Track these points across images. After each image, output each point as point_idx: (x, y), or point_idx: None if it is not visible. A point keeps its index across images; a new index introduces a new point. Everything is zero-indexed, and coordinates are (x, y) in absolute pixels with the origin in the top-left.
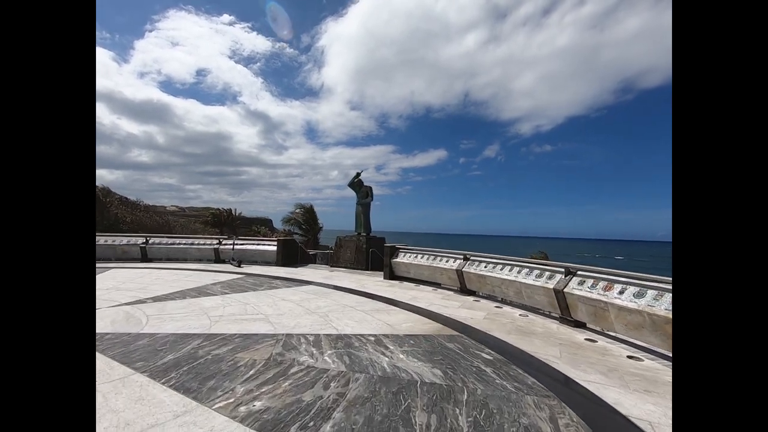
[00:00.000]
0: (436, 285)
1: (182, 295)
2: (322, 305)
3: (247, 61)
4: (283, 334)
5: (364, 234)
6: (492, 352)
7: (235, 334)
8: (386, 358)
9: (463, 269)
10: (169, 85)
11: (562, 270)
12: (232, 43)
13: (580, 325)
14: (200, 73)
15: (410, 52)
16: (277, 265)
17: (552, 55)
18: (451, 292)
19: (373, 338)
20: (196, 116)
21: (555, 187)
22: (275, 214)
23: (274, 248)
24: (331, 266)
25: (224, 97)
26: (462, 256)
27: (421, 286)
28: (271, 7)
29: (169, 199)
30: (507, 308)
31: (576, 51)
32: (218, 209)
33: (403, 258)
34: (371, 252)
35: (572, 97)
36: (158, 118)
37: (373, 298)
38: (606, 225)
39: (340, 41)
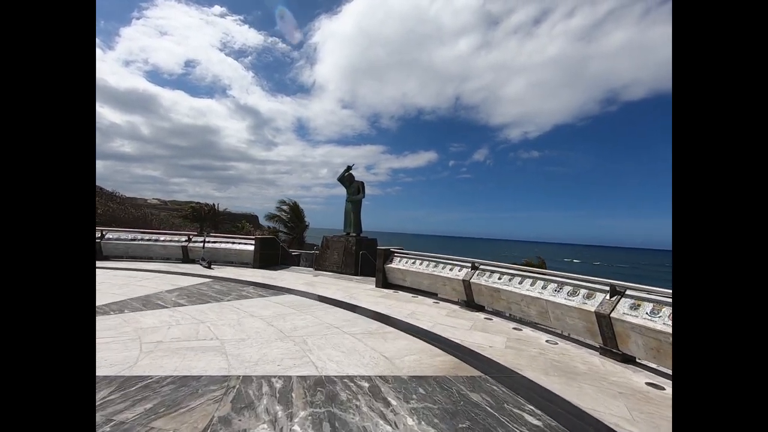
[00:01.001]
0: (435, 296)
1: (120, 307)
2: (299, 325)
3: (238, 54)
4: (238, 377)
5: (354, 234)
6: (535, 410)
7: (167, 378)
8: (389, 428)
9: (472, 280)
10: (156, 75)
11: (606, 288)
12: (222, 36)
13: (628, 359)
14: (189, 64)
15: (404, 53)
16: (254, 267)
17: (542, 63)
18: (455, 307)
19: (366, 384)
20: (183, 108)
21: (541, 192)
22: (262, 211)
23: (252, 248)
24: (315, 269)
25: (213, 89)
26: (470, 265)
27: (420, 297)
28: (281, 11)
29: (152, 192)
30: (528, 331)
31: (564, 61)
32: (199, 203)
33: (398, 263)
34: (361, 255)
35: (559, 106)
36: (143, 109)
37: (364, 315)
38: (588, 231)
39: (334, 39)
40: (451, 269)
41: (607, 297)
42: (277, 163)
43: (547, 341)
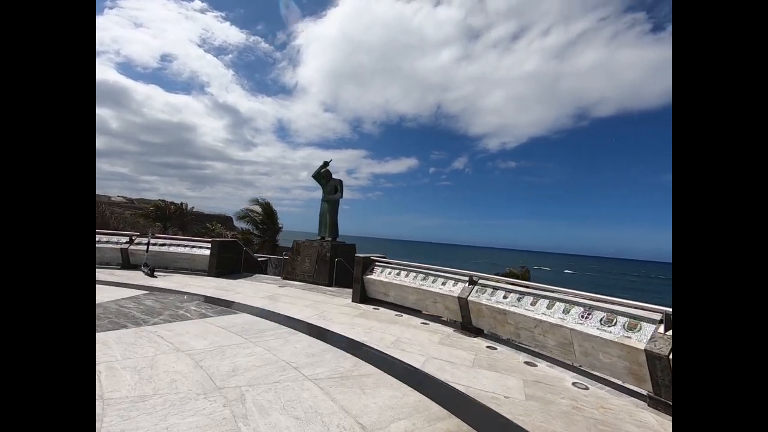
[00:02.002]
0: (422, 313)
1: None
2: (242, 365)
3: (218, 51)
4: None
5: (330, 238)
6: None
7: None
8: None
9: (470, 297)
10: (128, 68)
11: (655, 317)
12: (202, 31)
13: None
14: (165, 58)
15: (387, 60)
16: (210, 275)
17: (519, 77)
18: (449, 330)
19: None
20: (157, 103)
21: (517, 201)
22: (239, 213)
23: (207, 252)
24: (283, 278)
25: (190, 86)
26: (467, 279)
27: (405, 315)
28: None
29: (119, 189)
30: (544, 366)
31: (540, 76)
32: (164, 201)
33: (380, 275)
34: (337, 262)
35: (535, 119)
36: (113, 102)
37: (335, 344)
38: (560, 240)
39: (318, 42)
40: (443, 283)
41: (660, 330)
42: (255, 163)
43: (574, 384)
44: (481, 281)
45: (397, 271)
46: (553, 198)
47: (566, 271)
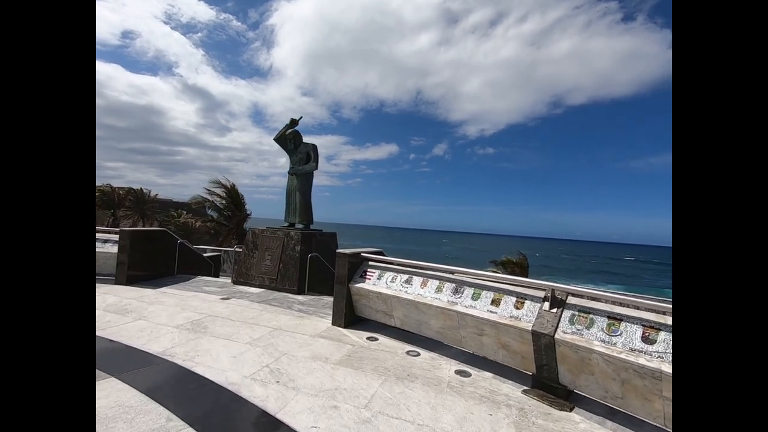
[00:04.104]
0: (450, 347)
1: None
2: None
3: (186, 29)
4: None
5: (301, 226)
6: None
7: None
8: None
9: (559, 334)
10: None
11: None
12: (167, 7)
13: None
14: (127, 35)
15: (365, 43)
16: (118, 283)
17: (496, 64)
18: (513, 390)
19: None
20: (120, 84)
21: (495, 187)
22: (195, 198)
23: (112, 249)
24: (234, 282)
25: (156, 66)
26: (544, 295)
27: (423, 353)
28: None
29: None
30: None
31: (517, 63)
32: (110, 186)
33: (377, 282)
34: (311, 259)
35: (513, 106)
36: None
37: None
38: (535, 224)
39: (293, 22)
40: (496, 301)
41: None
42: (231, 149)
43: None
44: (573, 299)
45: (407, 276)
46: (528, 183)
47: (536, 254)
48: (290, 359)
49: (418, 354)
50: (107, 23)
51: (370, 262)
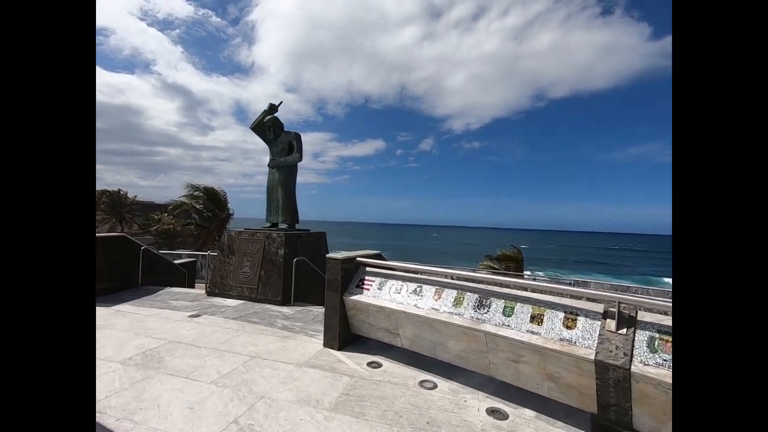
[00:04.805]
0: (474, 374)
1: None
2: None
3: (163, 25)
4: None
5: (285, 227)
6: None
7: None
8: None
9: (635, 366)
10: None
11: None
12: (142, 2)
13: None
14: (101, 32)
15: (348, 38)
16: None
17: (480, 58)
18: None
19: None
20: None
21: (483, 180)
22: (173, 203)
23: None
24: (208, 293)
25: (133, 64)
26: (605, 308)
27: (440, 382)
28: None
29: None
30: None
31: (500, 58)
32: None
33: (377, 293)
34: (297, 264)
35: (497, 100)
36: None
37: None
38: (522, 216)
39: (274, 18)
40: (533, 318)
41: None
42: (214, 149)
43: None
44: (647, 315)
45: (415, 285)
46: (515, 176)
47: (522, 246)
48: (269, 406)
49: (435, 386)
50: None
51: (368, 269)
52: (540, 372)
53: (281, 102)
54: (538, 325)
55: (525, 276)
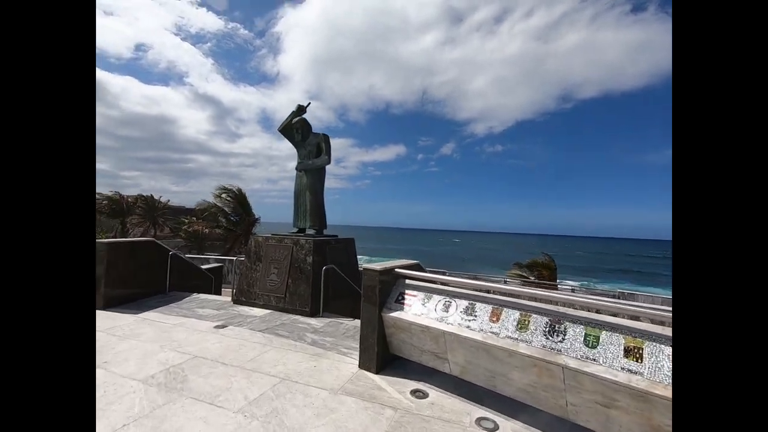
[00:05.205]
0: (532, 411)
1: None
2: None
3: (196, 39)
4: None
5: (312, 232)
6: None
7: None
8: None
9: None
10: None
11: None
12: (177, 18)
13: None
14: (140, 48)
15: (369, 45)
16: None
17: (502, 60)
18: None
19: None
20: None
21: (504, 184)
22: (200, 204)
23: None
24: (234, 301)
25: (168, 76)
26: None
27: (500, 420)
28: None
29: (101, 186)
30: None
31: (524, 59)
32: (118, 193)
33: (421, 310)
34: (325, 272)
35: (520, 102)
36: None
37: None
38: (547, 221)
39: (298, 29)
40: (628, 352)
41: None
42: (241, 155)
43: None
44: None
45: (467, 303)
46: (539, 180)
47: (549, 253)
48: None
49: (496, 426)
50: (122, 37)
51: (408, 281)
52: (643, 423)
53: (309, 103)
54: (637, 361)
55: (558, 286)
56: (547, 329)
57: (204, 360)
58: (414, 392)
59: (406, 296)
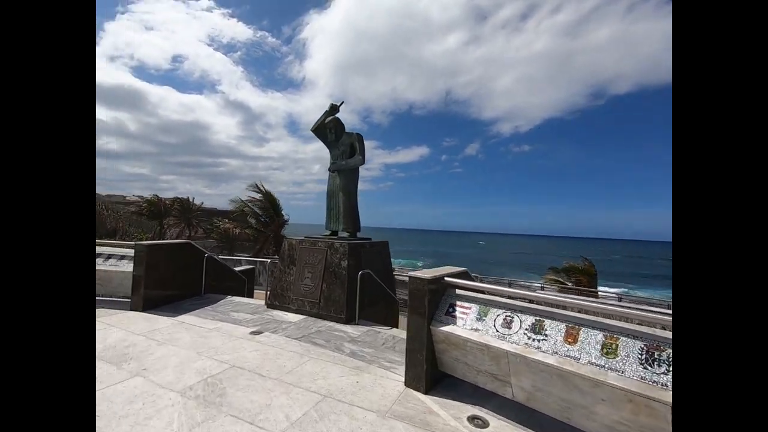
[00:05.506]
0: None
1: None
2: None
3: (227, 48)
4: None
5: (347, 235)
6: None
7: None
8: None
9: None
10: (142, 71)
11: None
12: (210, 30)
13: None
14: (176, 59)
15: (392, 48)
16: (133, 308)
17: (529, 58)
18: None
19: None
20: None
21: (533, 185)
22: (234, 201)
23: (128, 267)
24: (268, 305)
25: (202, 85)
26: None
27: None
28: None
29: (141, 190)
30: None
31: (551, 55)
32: (156, 196)
33: (477, 325)
34: (362, 277)
35: (548, 100)
36: (130, 105)
37: None
38: (577, 223)
39: (323, 34)
40: None
41: None
42: (268, 159)
43: None
44: None
45: (534, 319)
46: (569, 181)
47: (582, 256)
48: None
49: None
50: (160, 50)
51: (458, 291)
52: None
53: (342, 102)
54: None
55: (599, 294)
56: (644, 357)
57: (241, 370)
58: (472, 419)
59: (457, 308)
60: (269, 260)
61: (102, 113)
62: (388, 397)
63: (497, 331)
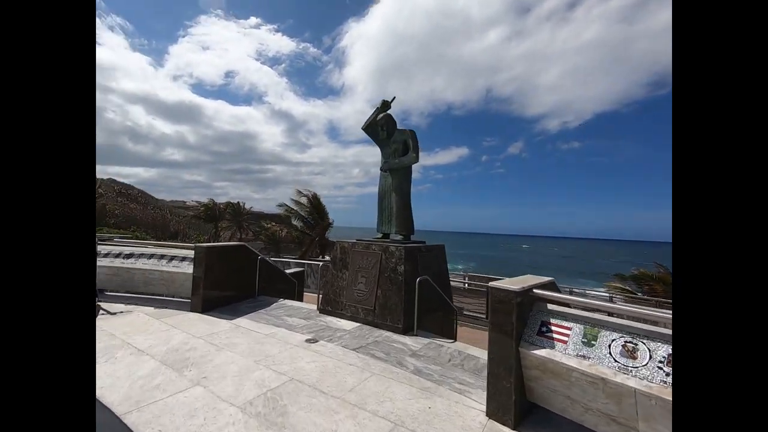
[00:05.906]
0: None
1: None
2: None
3: (273, 62)
4: None
5: (400, 238)
6: None
7: None
8: None
9: None
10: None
11: None
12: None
13: None
14: (228, 75)
15: (430, 49)
16: (193, 309)
17: (578, 48)
18: None
19: None
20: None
21: (583, 185)
22: (280, 205)
23: (189, 269)
24: (320, 310)
25: (251, 97)
26: None
27: None
28: None
29: (199, 195)
30: None
31: (603, 45)
32: (212, 200)
33: (582, 350)
34: (420, 284)
35: (601, 92)
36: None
37: None
38: (635, 225)
39: (362, 41)
40: None
41: None
42: (310, 164)
43: None
44: None
45: (666, 347)
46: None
47: (646, 262)
48: None
49: None
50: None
51: (550, 306)
52: None
53: (394, 98)
54: None
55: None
56: None
57: (301, 385)
58: None
59: (553, 327)
60: (320, 263)
61: (167, 128)
62: (471, 431)
63: (616, 361)
